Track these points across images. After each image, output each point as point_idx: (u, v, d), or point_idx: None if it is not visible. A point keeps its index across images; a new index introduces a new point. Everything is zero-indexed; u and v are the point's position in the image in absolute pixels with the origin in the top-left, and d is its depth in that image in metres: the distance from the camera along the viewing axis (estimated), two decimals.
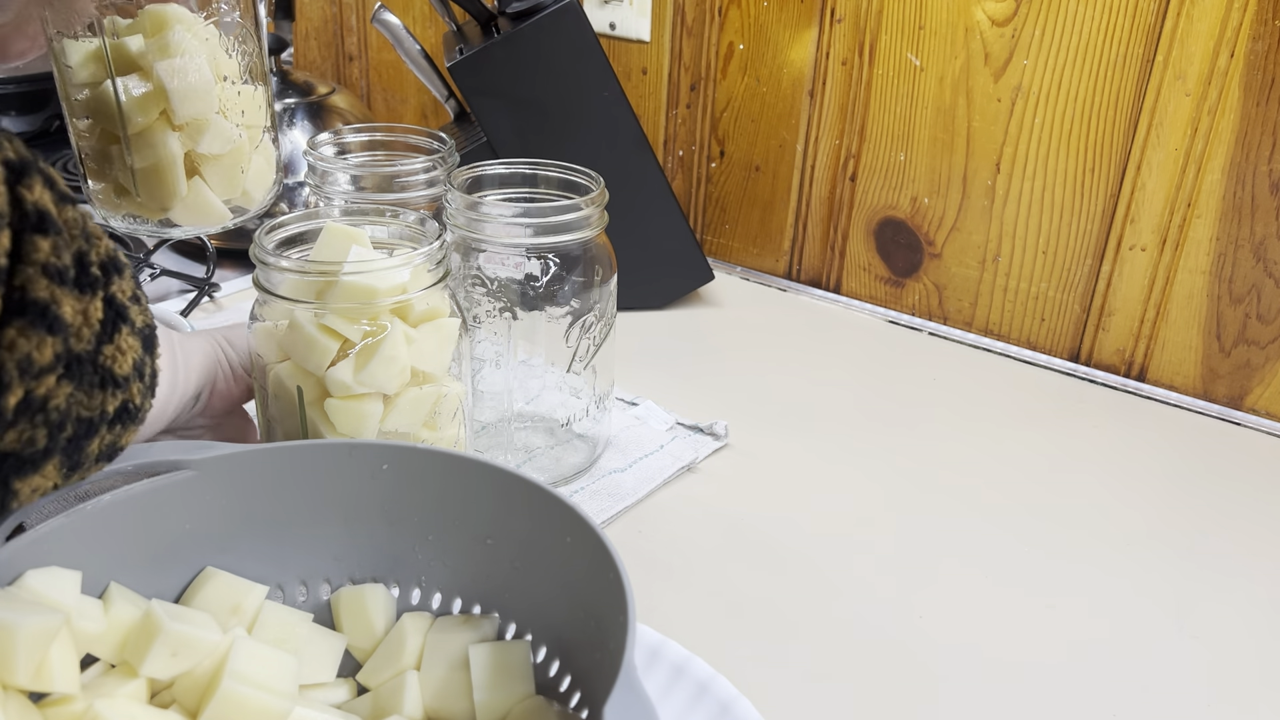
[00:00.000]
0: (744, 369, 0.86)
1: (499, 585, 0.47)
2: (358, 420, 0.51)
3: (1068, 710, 0.53)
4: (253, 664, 0.41)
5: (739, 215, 1.05)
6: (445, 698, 0.45)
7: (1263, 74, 0.75)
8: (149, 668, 0.40)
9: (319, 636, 0.47)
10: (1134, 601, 0.61)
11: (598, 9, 1.03)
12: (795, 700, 0.53)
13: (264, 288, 0.51)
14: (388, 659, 0.46)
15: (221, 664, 0.41)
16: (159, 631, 0.41)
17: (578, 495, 0.67)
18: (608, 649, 0.41)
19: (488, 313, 0.64)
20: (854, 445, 0.76)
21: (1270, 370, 0.81)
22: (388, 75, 1.27)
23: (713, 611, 0.58)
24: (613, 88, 0.89)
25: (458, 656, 0.45)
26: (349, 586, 0.48)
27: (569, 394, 0.68)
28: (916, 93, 0.90)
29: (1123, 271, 0.85)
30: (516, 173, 0.68)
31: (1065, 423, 0.80)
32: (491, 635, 0.47)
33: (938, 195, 0.92)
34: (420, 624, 0.47)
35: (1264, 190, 0.78)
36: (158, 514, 0.45)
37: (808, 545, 0.64)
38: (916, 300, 0.97)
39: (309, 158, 0.68)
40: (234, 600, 0.46)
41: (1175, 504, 0.71)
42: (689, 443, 0.73)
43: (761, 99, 0.99)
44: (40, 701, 0.38)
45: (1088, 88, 0.82)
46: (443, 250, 0.53)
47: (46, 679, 0.37)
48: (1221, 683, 0.56)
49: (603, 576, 0.41)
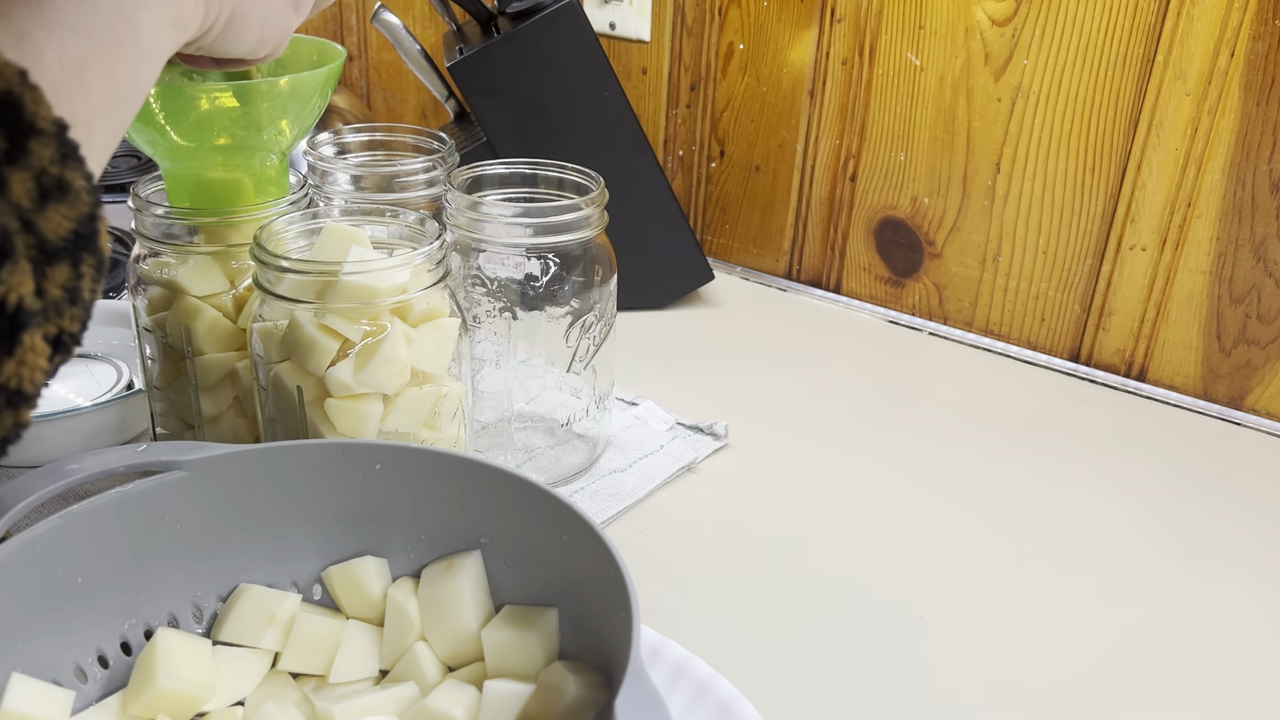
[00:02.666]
0: (744, 369, 0.86)
1: (494, 584, 0.47)
2: (358, 420, 0.51)
3: (1068, 710, 0.53)
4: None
5: (739, 215, 1.04)
6: (458, 648, 0.46)
7: (1263, 74, 0.75)
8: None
9: (356, 635, 0.47)
10: (1134, 601, 0.61)
11: (598, 9, 1.03)
12: (795, 700, 0.53)
13: (264, 287, 0.51)
14: (395, 637, 0.47)
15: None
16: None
17: (578, 495, 0.67)
18: (608, 646, 0.41)
19: (488, 313, 0.64)
20: (854, 445, 0.75)
21: (1270, 370, 0.81)
22: (388, 75, 1.27)
23: (713, 611, 0.58)
24: (613, 87, 0.89)
25: (453, 601, 0.46)
26: (337, 565, 0.49)
27: (569, 394, 0.68)
28: (916, 93, 0.90)
29: (1123, 271, 0.85)
30: (516, 173, 0.68)
31: (1065, 423, 0.80)
32: (477, 569, 0.47)
33: (938, 195, 0.92)
34: (407, 587, 0.48)
35: (1264, 190, 0.78)
36: (150, 514, 0.45)
37: (808, 545, 0.64)
38: (916, 300, 0.97)
39: (309, 158, 0.68)
40: (268, 611, 0.46)
41: (1175, 504, 0.71)
42: (689, 443, 0.73)
43: (761, 99, 0.99)
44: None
45: (1088, 88, 0.82)
46: (443, 250, 0.53)
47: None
48: (1222, 683, 0.56)
49: (603, 574, 0.41)
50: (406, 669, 0.46)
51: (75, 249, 0.31)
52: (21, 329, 0.29)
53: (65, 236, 0.30)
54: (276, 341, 0.52)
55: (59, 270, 0.30)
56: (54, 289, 0.30)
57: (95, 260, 0.32)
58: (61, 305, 0.30)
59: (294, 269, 0.50)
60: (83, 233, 0.31)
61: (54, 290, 0.30)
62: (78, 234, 0.31)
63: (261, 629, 0.46)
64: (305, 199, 0.62)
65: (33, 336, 0.29)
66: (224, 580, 0.48)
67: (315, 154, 0.68)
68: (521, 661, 0.44)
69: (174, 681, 0.43)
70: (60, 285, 0.30)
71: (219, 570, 0.47)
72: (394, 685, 0.45)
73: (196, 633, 0.47)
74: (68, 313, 0.31)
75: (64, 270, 0.30)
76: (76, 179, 0.31)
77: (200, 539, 0.47)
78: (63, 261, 0.30)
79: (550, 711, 0.41)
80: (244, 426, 0.62)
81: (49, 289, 0.30)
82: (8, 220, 0.28)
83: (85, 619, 0.44)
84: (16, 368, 0.29)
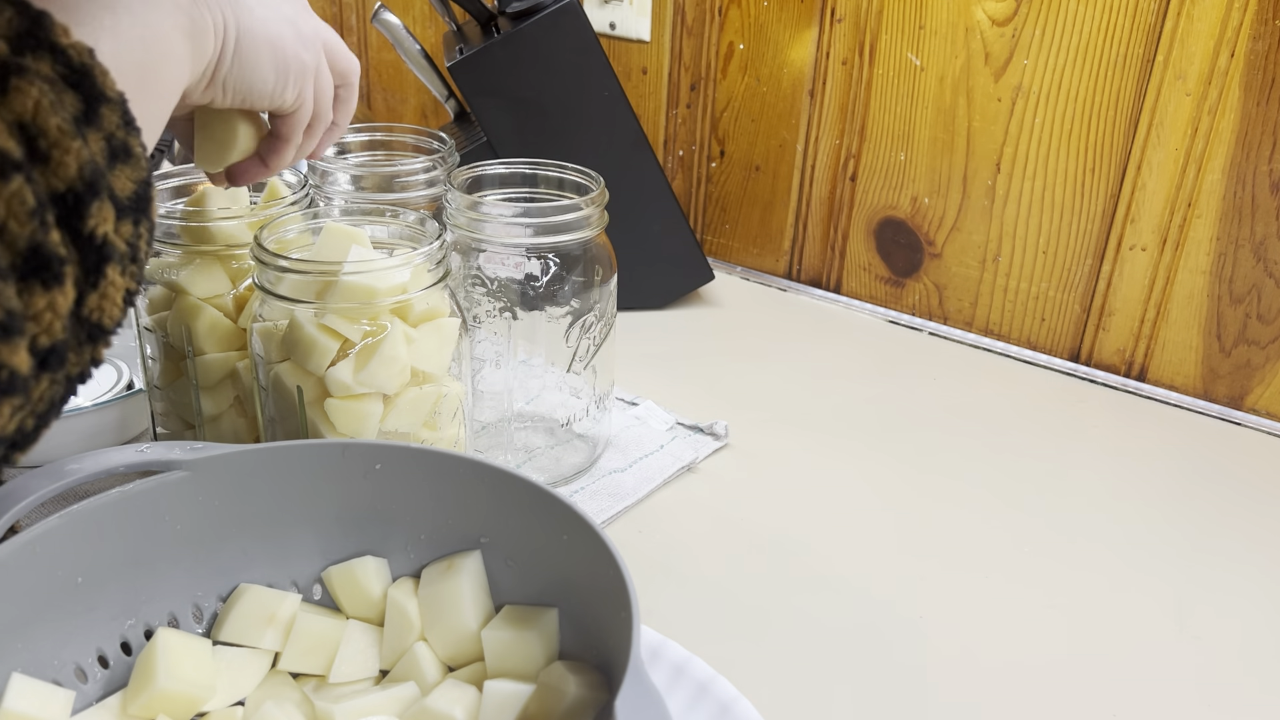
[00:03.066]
0: (744, 369, 0.86)
1: (494, 584, 0.47)
2: (358, 420, 0.51)
3: (1068, 710, 0.53)
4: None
5: (739, 215, 1.04)
6: (458, 648, 0.46)
7: (1263, 74, 0.75)
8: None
9: (356, 635, 0.47)
10: (1134, 601, 0.61)
11: (598, 9, 1.03)
12: (795, 700, 0.53)
13: (264, 287, 0.51)
14: (395, 637, 0.47)
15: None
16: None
17: (578, 495, 0.67)
18: (608, 646, 0.41)
19: (488, 313, 0.64)
20: (854, 445, 0.75)
21: (1270, 370, 0.81)
22: (388, 75, 1.27)
23: (713, 611, 0.58)
24: (612, 87, 0.89)
25: (453, 602, 0.46)
26: (337, 565, 0.49)
27: (569, 394, 0.68)
28: (917, 92, 0.90)
29: (1123, 271, 0.85)
30: (516, 173, 0.68)
31: (1065, 423, 0.80)
32: (477, 569, 0.47)
33: (938, 195, 0.92)
34: (407, 587, 0.48)
35: (1264, 190, 0.78)
36: (150, 514, 0.45)
37: (808, 545, 0.64)
38: (916, 300, 0.97)
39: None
40: (268, 611, 0.46)
41: (1175, 504, 0.71)
42: (689, 443, 0.73)
43: (762, 99, 0.99)
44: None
45: (1088, 88, 0.82)
46: (443, 250, 0.53)
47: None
48: (1222, 682, 0.56)
49: (603, 574, 0.41)
50: (406, 669, 0.46)
51: (136, 209, 0.34)
52: (106, 262, 0.32)
53: (129, 196, 0.33)
54: (277, 341, 0.52)
55: (125, 225, 0.33)
56: (121, 243, 0.33)
57: (149, 224, 0.35)
58: (126, 259, 0.33)
59: (294, 269, 0.50)
60: (141, 195, 0.34)
61: (122, 244, 0.33)
62: (138, 195, 0.34)
63: (261, 629, 0.46)
64: (305, 199, 0.62)
65: (114, 271, 0.32)
66: (224, 580, 0.48)
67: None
68: (521, 661, 0.44)
69: (174, 681, 0.43)
70: (126, 240, 0.33)
71: (219, 570, 0.47)
72: (394, 685, 0.45)
73: (196, 633, 0.47)
74: (129, 269, 0.33)
75: (129, 226, 0.33)
76: (136, 145, 0.34)
77: (200, 539, 0.46)
78: (128, 218, 0.33)
79: (550, 711, 0.41)
80: (244, 426, 0.62)
81: (120, 241, 0.33)
82: (98, 163, 0.31)
83: (85, 619, 0.44)
84: (99, 300, 0.32)
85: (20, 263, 0.28)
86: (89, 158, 0.31)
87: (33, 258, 0.28)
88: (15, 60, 0.29)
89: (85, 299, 0.31)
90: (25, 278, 0.28)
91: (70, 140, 0.30)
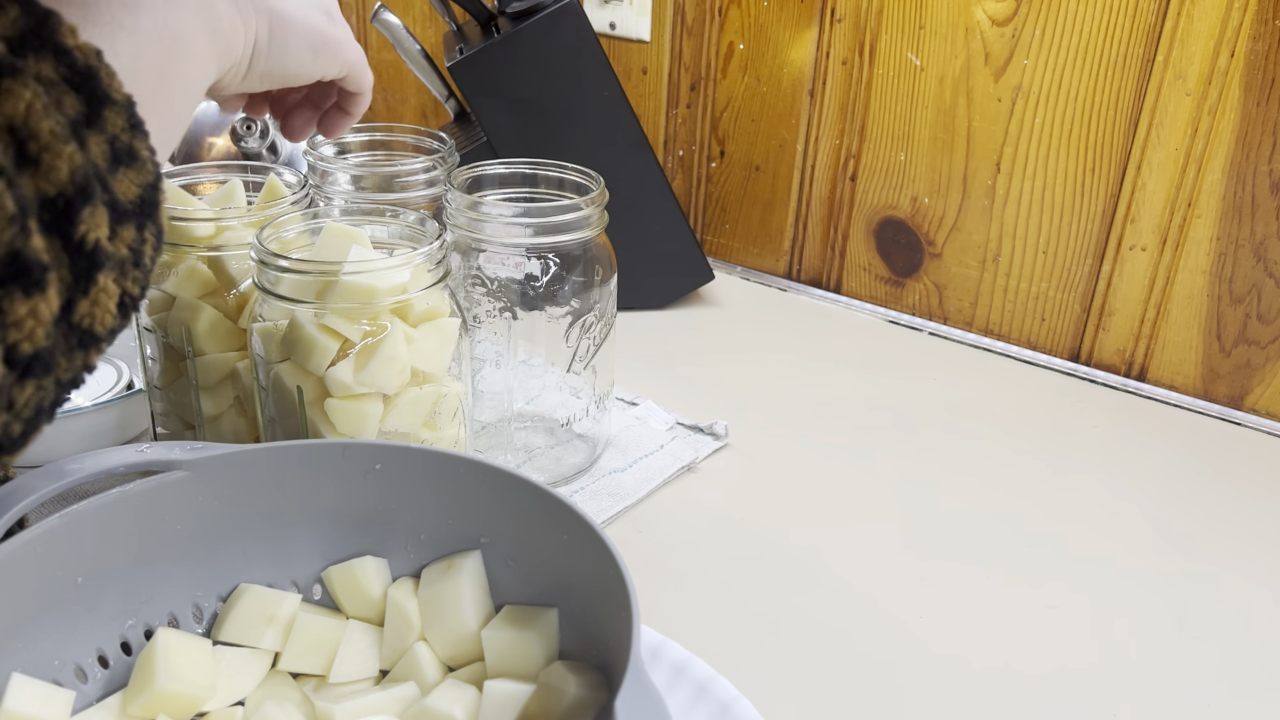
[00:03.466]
0: (744, 369, 0.86)
1: (494, 584, 0.47)
2: (358, 420, 0.51)
3: (1068, 710, 0.53)
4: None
5: (739, 215, 1.04)
6: (458, 648, 0.46)
7: (1263, 74, 0.75)
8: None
9: (356, 635, 0.47)
10: (1134, 601, 0.61)
11: (598, 9, 1.03)
12: (795, 700, 0.53)
13: (264, 287, 0.51)
14: (395, 637, 0.47)
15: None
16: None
17: (578, 495, 0.67)
18: (608, 646, 0.41)
19: (488, 313, 0.64)
20: (854, 445, 0.75)
21: (1270, 370, 0.81)
22: (388, 75, 1.27)
23: (713, 611, 0.58)
24: (612, 87, 0.89)
25: (454, 603, 0.46)
26: (338, 565, 0.49)
27: (569, 394, 0.68)
28: (917, 92, 0.90)
29: (1123, 271, 0.85)
30: (516, 173, 0.68)
31: (1065, 423, 0.80)
32: (477, 569, 0.47)
33: (938, 195, 0.92)
34: (407, 587, 0.48)
35: (1264, 190, 0.78)
36: (150, 514, 0.45)
37: (808, 545, 0.64)
38: (917, 300, 0.97)
39: (309, 158, 0.68)
40: (268, 611, 0.46)
41: (1175, 504, 0.71)
42: (689, 443, 0.73)
43: (761, 99, 0.99)
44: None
45: (1088, 88, 0.82)
46: (443, 250, 0.53)
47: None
48: (1221, 683, 0.56)
49: (603, 574, 0.41)
50: (406, 669, 0.46)
51: (140, 214, 0.33)
52: (98, 269, 0.31)
53: (133, 200, 0.33)
54: (277, 341, 0.52)
55: (126, 230, 0.32)
56: (122, 247, 0.32)
57: (155, 229, 0.34)
58: (127, 265, 0.33)
59: (294, 269, 0.50)
60: (147, 199, 0.34)
61: (121, 249, 0.32)
62: (143, 199, 0.33)
63: (261, 629, 0.46)
64: (305, 199, 0.62)
65: (106, 278, 0.32)
66: (224, 580, 0.48)
67: (315, 154, 0.68)
68: (521, 661, 0.44)
69: (174, 681, 0.43)
70: (127, 245, 0.32)
71: (219, 570, 0.47)
72: (394, 685, 0.45)
73: (196, 633, 0.47)
74: (131, 274, 0.33)
75: (130, 231, 0.33)
76: (143, 149, 0.33)
77: (200, 539, 0.46)
78: (129, 223, 0.33)
79: (550, 711, 0.41)
80: (244, 426, 0.62)
81: (118, 246, 0.32)
82: (91, 169, 0.31)
83: (85, 619, 0.44)
84: (90, 307, 0.31)
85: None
86: (83, 162, 0.30)
87: (11, 264, 0.28)
88: (11, 62, 0.29)
89: (75, 305, 0.31)
90: (4, 284, 0.28)
91: (63, 144, 0.30)
